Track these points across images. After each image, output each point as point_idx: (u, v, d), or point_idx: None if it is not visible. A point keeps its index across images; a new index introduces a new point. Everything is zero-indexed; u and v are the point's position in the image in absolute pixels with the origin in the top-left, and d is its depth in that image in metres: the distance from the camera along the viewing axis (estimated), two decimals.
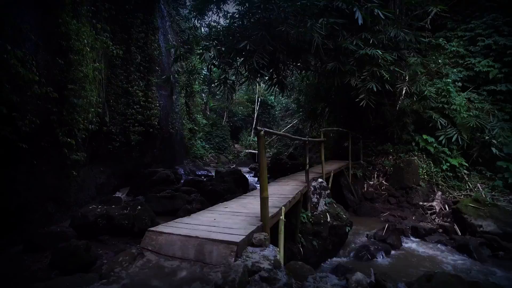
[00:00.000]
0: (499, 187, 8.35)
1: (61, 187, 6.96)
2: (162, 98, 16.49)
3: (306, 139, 5.59)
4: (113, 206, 6.49)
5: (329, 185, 7.20)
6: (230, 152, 27.39)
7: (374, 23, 8.11)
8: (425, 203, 7.98)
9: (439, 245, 6.38)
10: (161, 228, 3.34)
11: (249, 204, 4.81)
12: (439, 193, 8.51)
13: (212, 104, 29.81)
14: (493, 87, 10.42)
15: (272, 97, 32.07)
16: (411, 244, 6.56)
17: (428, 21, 9.22)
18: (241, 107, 30.36)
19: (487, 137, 8.71)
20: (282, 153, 21.63)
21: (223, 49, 7.07)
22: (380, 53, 7.35)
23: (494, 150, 8.62)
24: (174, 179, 12.41)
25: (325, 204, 5.73)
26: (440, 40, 10.64)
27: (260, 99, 30.35)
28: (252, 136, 30.43)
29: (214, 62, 7.80)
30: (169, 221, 3.74)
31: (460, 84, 10.24)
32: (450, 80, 9.70)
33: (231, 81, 7.12)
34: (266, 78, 7.67)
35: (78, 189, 8.07)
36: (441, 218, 7.47)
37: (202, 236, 2.94)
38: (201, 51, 7.40)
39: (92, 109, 7.31)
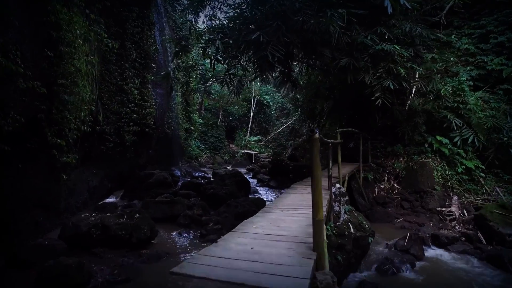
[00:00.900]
0: None
1: (50, 192, 6.30)
2: (158, 96, 15.83)
3: (330, 141, 5.05)
4: (108, 214, 5.86)
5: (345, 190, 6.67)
6: (225, 153, 26.85)
7: (390, 16, 7.61)
8: (443, 209, 7.49)
9: (465, 256, 5.87)
10: (188, 267, 2.52)
11: (280, 222, 4.29)
12: (455, 197, 8.04)
13: (207, 103, 29.16)
14: (507, 86, 10.01)
15: (268, 97, 31.59)
16: (433, 253, 6.05)
17: (443, 16, 8.74)
18: (236, 107, 29.76)
19: (505, 138, 8.27)
20: (280, 154, 21.07)
21: (230, 41, 6.48)
22: (398, 48, 6.84)
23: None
24: (171, 181, 11.79)
25: (345, 212, 5.18)
26: (452, 37, 10.17)
27: (256, 98, 29.79)
28: (248, 136, 29.87)
29: (219, 56, 7.20)
30: (193, 252, 3.07)
31: (471, 83, 9.80)
32: (465, 79, 9.24)
33: (238, 77, 6.54)
34: (277, 73, 7.10)
35: (69, 194, 7.40)
36: (461, 225, 6.99)
37: (250, 284, 2.20)
38: (203, 44, 6.80)
39: (85, 107, 6.66)
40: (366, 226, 5.15)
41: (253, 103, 29.63)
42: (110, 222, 5.50)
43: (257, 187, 13.80)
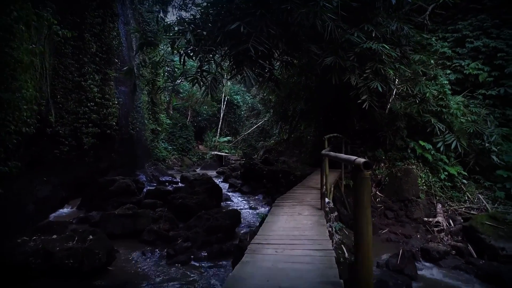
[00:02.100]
0: (500, 198, 7.71)
1: None
2: (122, 95, 14.61)
3: (326, 153, 4.38)
4: (54, 237, 4.84)
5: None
6: (194, 154, 25.85)
7: (376, 13, 7.13)
8: (430, 219, 7.10)
9: (458, 272, 5.46)
10: None
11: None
12: (439, 205, 7.71)
13: (175, 103, 27.90)
14: (484, 91, 9.94)
15: (238, 96, 30.91)
16: (426, 271, 5.59)
17: (427, 16, 8.42)
18: (206, 107, 28.77)
19: (487, 144, 8.06)
20: (252, 157, 20.35)
21: (204, 33, 5.65)
22: (387, 47, 6.34)
23: (494, 158, 7.99)
24: (135, 189, 10.72)
25: (336, 232, 4.55)
26: (433, 39, 9.95)
27: (226, 98, 28.97)
28: (217, 137, 28.97)
29: (189, 51, 6.34)
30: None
31: (449, 87, 9.62)
32: (447, 82, 9.01)
33: (212, 74, 5.71)
34: (257, 71, 6.36)
35: (9, 209, 6.23)
36: (449, 236, 6.61)
37: None
38: (172, 36, 5.91)
39: (26, 106, 5.54)
40: None
41: (223, 103, 28.79)
42: (55, 248, 4.50)
43: (229, 193, 12.99)
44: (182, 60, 6.58)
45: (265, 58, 5.50)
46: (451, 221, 7.13)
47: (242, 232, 7.74)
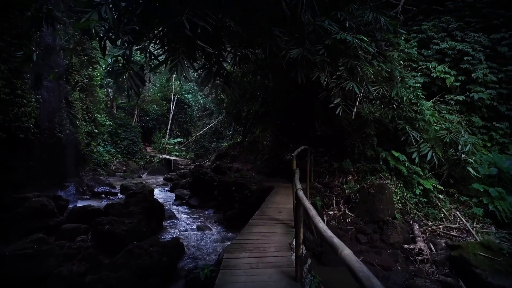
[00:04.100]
0: (478, 215, 6.93)
1: None
2: (44, 90, 12.16)
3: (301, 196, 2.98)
4: None
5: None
6: (141, 157, 23.59)
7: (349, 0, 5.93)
8: (411, 246, 6.04)
9: None
10: None
11: None
12: (416, 226, 6.74)
13: (120, 101, 25.21)
14: (458, 96, 9.31)
15: (190, 96, 29.02)
16: None
17: (400, 10, 7.45)
18: (155, 106, 26.46)
19: (463, 155, 7.27)
20: (202, 164, 18.60)
21: (122, 4, 3.95)
22: (367, 40, 5.14)
23: (470, 170, 7.22)
24: (53, 208, 8.56)
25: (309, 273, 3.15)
26: (402, 38, 9.09)
27: (177, 97, 26.92)
28: (167, 138, 26.77)
29: (111, 33, 4.57)
30: None
31: (421, 91, 8.83)
32: (419, 84, 8.14)
33: (138, 65, 4.04)
34: (199, 62, 4.78)
35: None
36: (435, 267, 5.58)
37: None
38: (82, 8, 4.13)
39: None
40: None
41: (173, 102, 26.72)
42: None
43: (174, 207, 11.21)
44: (102, 45, 4.80)
45: (210, 43, 3.94)
46: (432, 246, 6.14)
47: (186, 267, 6.14)
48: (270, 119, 12.97)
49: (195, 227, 8.78)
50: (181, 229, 8.56)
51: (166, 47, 4.07)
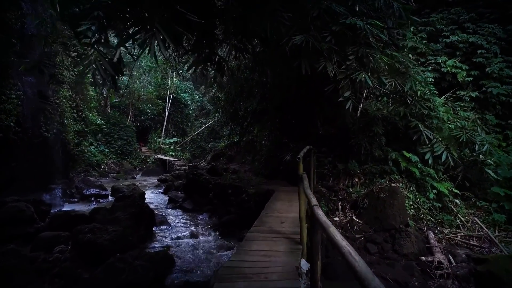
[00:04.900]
0: (499, 222, 6.28)
1: None
2: (28, 86, 11.47)
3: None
4: None
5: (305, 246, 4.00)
6: (136, 157, 22.86)
7: None
8: (429, 258, 5.37)
9: None
10: None
11: None
12: (431, 234, 6.08)
13: (114, 100, 24.44)
14: (463, 92, 8.67)
15: (186, 95, 28.32)
16: None
17: None
18: (150, 105, 25.72)
19: (480, 156, 6.62)
20: (197, 165, 17.89)
21: None
22: (381, 24, 4.49)
23: (490, 172, 6.57)
24: (33, 214, 7.83)
25: None
26: (411, 30, 8.43)
27: (173, 96, 26.20)
28: (162, 138, 26.04)
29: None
30: None
31: (433, 86, 8.18)
32: (432, 79, 7.49)
33: (113, 50, 3.33)
34: (189, 48, 4.09)
35: None
36: (456, 282, 4.93)
37: None
38: None
39: None
40: None
41: (169, 101, 26.00)
42: None
43: (166, 211, 10.52)
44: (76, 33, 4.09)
45: (199, 17, 3.22)
46: (451, 257, 5.49)
47: (176, 282, 5.46)
48: (268, 117, 12.29)
49: (188, 233, 8.08)
50: (173, 236, 7.86)
51: (139, 17, 3.28)
